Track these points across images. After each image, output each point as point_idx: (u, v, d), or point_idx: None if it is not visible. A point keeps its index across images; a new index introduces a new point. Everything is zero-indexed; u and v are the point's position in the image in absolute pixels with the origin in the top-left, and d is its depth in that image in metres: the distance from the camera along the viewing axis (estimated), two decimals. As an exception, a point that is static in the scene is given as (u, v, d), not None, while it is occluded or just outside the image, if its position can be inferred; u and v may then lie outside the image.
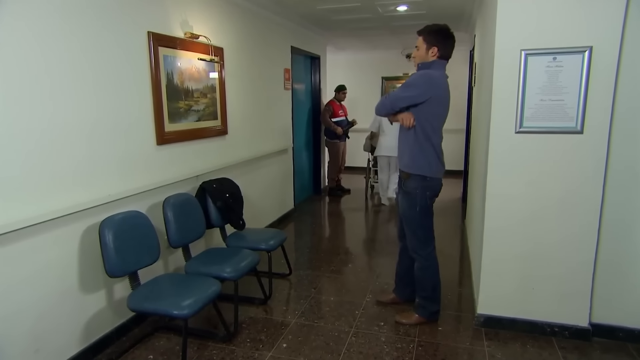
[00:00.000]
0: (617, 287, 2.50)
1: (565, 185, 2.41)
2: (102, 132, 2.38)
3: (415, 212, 2.62)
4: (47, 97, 2.06)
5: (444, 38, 2.51)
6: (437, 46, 2.50)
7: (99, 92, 2.36)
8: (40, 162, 2.04)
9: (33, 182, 2.01)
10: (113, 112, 2.46)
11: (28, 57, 1.95)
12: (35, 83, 1.99)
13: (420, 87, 2.44)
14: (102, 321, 2.47)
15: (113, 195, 2.42)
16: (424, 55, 2.54)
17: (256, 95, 4.31)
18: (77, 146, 2.23)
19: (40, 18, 1.99)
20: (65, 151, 2.17)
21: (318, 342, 2.57)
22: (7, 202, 1.89)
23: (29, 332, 2.04)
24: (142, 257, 2.41)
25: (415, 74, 2.52)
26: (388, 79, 8.43)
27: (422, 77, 2.48)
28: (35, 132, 2.01)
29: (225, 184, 3.33)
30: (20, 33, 1.91)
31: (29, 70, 1.96)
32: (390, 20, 5.29)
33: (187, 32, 3.08)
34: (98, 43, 2.33)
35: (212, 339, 2.60)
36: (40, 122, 2.03)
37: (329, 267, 3.75)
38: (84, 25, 2.23)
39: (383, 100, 2.56)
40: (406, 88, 2.48)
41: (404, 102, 2.48)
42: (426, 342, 2.56)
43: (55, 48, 2.08)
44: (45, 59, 2.04)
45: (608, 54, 2.23)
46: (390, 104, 2.53)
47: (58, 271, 2.18)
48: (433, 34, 2.51)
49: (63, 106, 2.14)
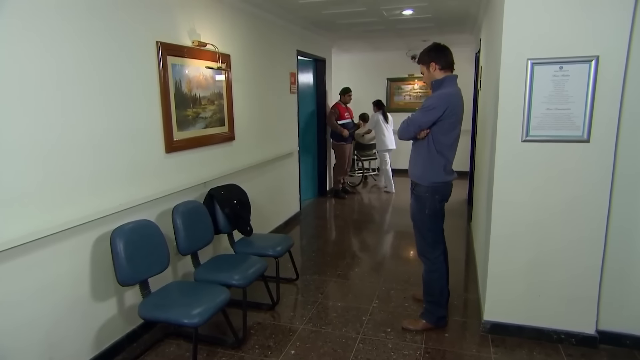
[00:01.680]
0: (624, 294, 2.50)
1: (572, 193, 2.42)
2: (112, 141, 2.42)
3: (425, 215, 2.66)
4: (60, 110, 2.10)
5: (437, 51, 2.59)
6: (434, 61, 2.58)
7: (109, 103, 2.39)
8: (53, 174, 2.08)
9: (46, 194, 2.05)
10: (123, 121, 2.49)
11: (42, 70, 1.99)
12: (49, 96, 2.04)
13: (439, 108, 2.47)
14: (113, 328, 2.51)
15: (123, 205, 2.45)
16: (429, 75, 2.64)
17: (262, 100, 4.34)
18: (88, 157, 2.27)
19: (52, 31, 2.03)
20: (77, 162, 2.21)
21: (326, 349, 2.60)
22: (22, 215, 1.93)
23: (43, 340, 2.09)
24: (152, 266, 2.45)
25: (432, 96, 2.56)
26: (393, 80, 8.42)
27: (439, 98, 2.51)
28: (49, 144, 2.05)
29: (232, 191, 3.36)
30: (33, 46, 1.95)
31: (43, 83, 2.00)
32: (395, 24, 5.29)
33: (194, 40, 3.11)
34: (108, 54, 2.36)
35: (221, 345, 2.64)
36: (53, 134, 2.07)
37: (335, 272, 3.78)
38: (94, 36, 2.27)
39: (405, 126, 2.59)
40: (426, 112, 2.50)
41: (426, 125, 2.53)
42: (433, 349, 2.58)
43: (68, 60, 2.12)
44: (57, 72, 2.08)
45: (615, 63, 2.24)
46: (413, 129, 2.56)
47: (71, 280, 2.23)
48: (425, 54, 2.63)
49: (74, 118, 2.18)
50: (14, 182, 1.90)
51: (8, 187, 1.87)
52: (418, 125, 2.53)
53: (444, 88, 2.55)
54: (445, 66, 2.57)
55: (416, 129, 2.54)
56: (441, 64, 2.57)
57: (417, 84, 8.24)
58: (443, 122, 2.49)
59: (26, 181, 1.95)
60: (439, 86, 2.58)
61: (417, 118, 2.54)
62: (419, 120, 2.53)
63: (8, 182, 1.87)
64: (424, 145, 2.59)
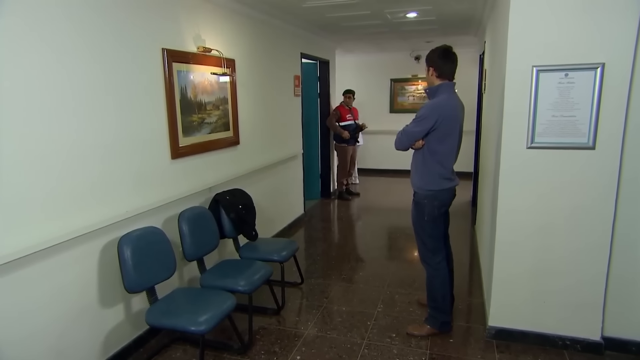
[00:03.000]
0: (629, 300, 2.50)
1: (577, 200, 2.42)
2: (119, 150, 2.44)
3: (424, 221, 2.67)
4: (69, 120, 2.12)
5: (440, 58, 2.56)
6: (432, 66, 2.58)
7: (116, 112, 2.41)
8: (61, 183, 2.10)
9: (55, 203, 2.07)
10: (129, 130, 2.51)
11: (52, 80, 2.02)
12: (59, 106, 2.06)
13: (430, 118, 2.48)
14: (120, 334, 2.53)
15: (130, 212, 2.47)
16: (428, 78, 2.64)
17: (267, 103, 4.35)
18: (96, 165, 2.29)
19: (62, 40, 2.06)
20: (85, 171, 2.23)
21: (331, 355, 2.61)
22: (30, 224, 1.96)
23: (52, 347, 2.11)
24: (159, 273, 2.47)
25: (424, 106, 2.56)
26: (397, 81, 8.41)
27: (429, 108, 2.51)
28: (60, 153, 2.07)
29: (238, 196, 3.37)
30: (43, 56, 1.97)
31: (53, 93, 2.03)
32: (399, 26, 5.29)
33: (199, 46, 3.12)
34: (115, 63, 2.38)
35: (227, 351, 2.65)
36: (63, 144, 2.10)
37: (340, 275, 3.79)
38: (102, 45, 2.29)
39: (400, 137, 2.60)
40: (418, 122, 2.52)
41: (419, 135, 2.53)
42: (438, 355, 2.59)
43: (78, 71, 2.15)
44: (70, 82, 2.11)
45: (621, 71, 2.23)
46: (407, 140, 2.58)
47: (79, 288, 2.25)
48: (430, 55, 2.61)
49: (84, 128, 2.21)
50: (24, 191, 1.92)
51: (18, 196, 1.90)
52: (411, 136, 2.54)
53: (437, 96, 2.55)
54: (443, 74, 2.56)
55: (410, 139, 2.56)
56: (439, 72, 2.56)
57: (420, 84, 8.22)
58: (437, 131, 2.50)
59: (36, 190, 1.97)
60: (433, 94, 2.59)
61: (409, 129, 2.55)
62: (411, 131, 2.54)
63: (18, 192, 1.90)
64: (420, 154, 2.61)
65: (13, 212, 1.88)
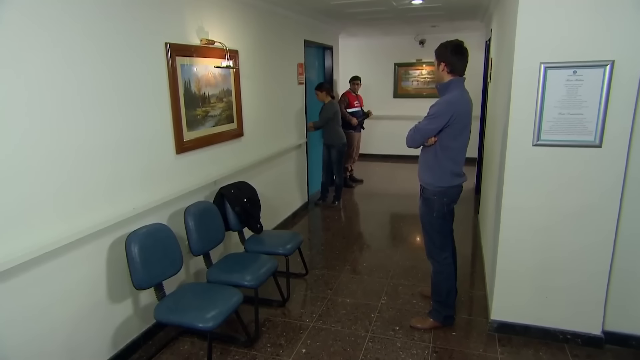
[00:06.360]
0: (631, 295, 2.53)
1: (583, 197, 2.42)
2: (125, 147, 2.44)
3: (433, 218, 2.68)
4: (77, 119, 2.12)
5: (452, 53, 2.50)
6: (444, 61, 2.52)
7: (122, 110, 2.41)
8: (71, 183, 2.12)
9: (65, 203, 2.10)
10: (135, 126, 2.51)
11: (59, 79, 2.02)
12: (67, 106, 2.07)
13: (445, 115, 2.45)
14: (129, 328, 2.59)
15: (137, 209, 2.49)
16: (438, 73, 2.59)
17: (270, 93, 4.32)
18: (103, 164, 2.30)
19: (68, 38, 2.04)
20: (93, 170, 2.24)
21: (336, 348, 2.66)
22: (41, 225, 1.98)
23: (64, 345, 2.16)
24: (166, 269, 2.50)
25: (437, 103, 2.52)
26: (401, 65, 8.31)
27: (443, 105, 2.48)
28: (68, 152, 2.09)
29: (242, 189, 3.38)
30: (51, 56, 1.96)
31: (61, 93, 2.03)
32: (405, 12, 5.20)
33: (202, 39, 3.09)
34: (120, 60, 2.37)
35: (234, 344, 2.71)
36: (73, 143, 2.11)
37: (343, 266, 3.83)
38: (107, 43, 2.27)
39: (412, 135, 2.57)
40: (432, 120, 2.49)
41: (433, 132, 2.51)
42: (440, 348, 2.64)
43: (85, 70, 2.15)
44: (78, 82, 2.12)
45: (630, 68, 2.20)
46: (420, 137, 2.55)
47: (88, 285, 2.29)
48: (442, 49, 2.55)
49: (93, 126, 2.22)
50: (37, 193, 1.94)
51: (32, 198, 1.92)
52: (425, 134, 2.52)
53: (449, 92, 2.52)
54: (454, 70, 2.52)
55: (423, 137, 2.54)
56: (451, 68, 2.52)
57: (425, 69, 8.13)
58: (450, 128, 2.48)
59: (48, 191, 2.00)
60: (445, 91, 2.55)
61: (423, 126, 2.52)
62: (425, 129, 2.51)
63: (33, 193, 1.93)
64: (431, 150, 2.58)
65: (27, 214, 1.92)
